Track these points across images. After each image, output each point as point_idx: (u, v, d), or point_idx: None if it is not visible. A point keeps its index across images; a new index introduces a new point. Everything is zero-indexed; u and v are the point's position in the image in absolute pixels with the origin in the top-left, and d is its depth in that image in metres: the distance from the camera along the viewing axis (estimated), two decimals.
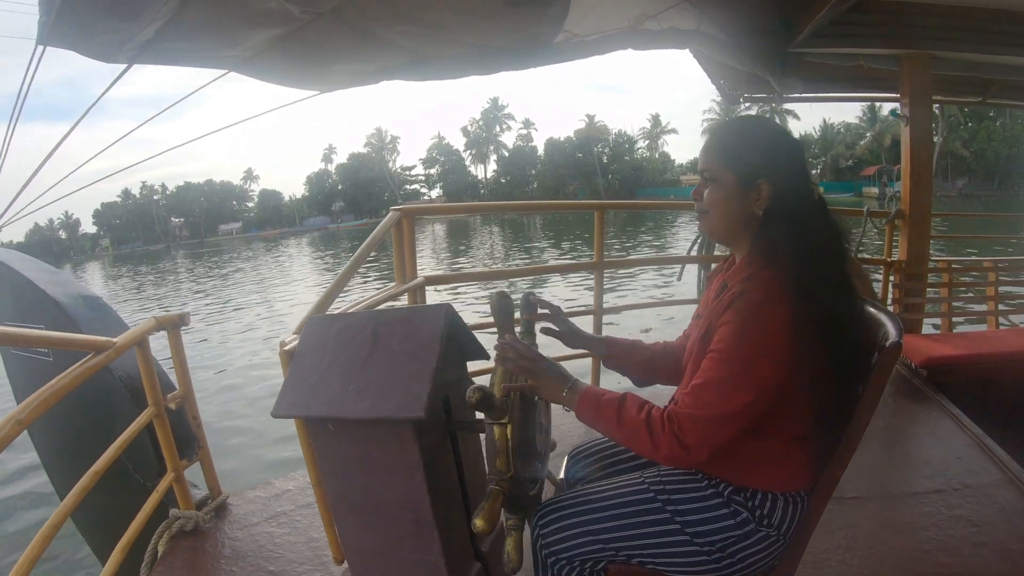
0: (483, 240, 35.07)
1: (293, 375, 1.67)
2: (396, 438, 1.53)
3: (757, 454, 1.25)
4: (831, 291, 1.18)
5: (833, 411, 1.25)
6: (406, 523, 1.60)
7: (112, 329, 2.24)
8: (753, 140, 1.28)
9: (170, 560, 2.13)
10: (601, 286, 3.37)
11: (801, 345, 1.14)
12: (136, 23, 1.71)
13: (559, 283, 13.76)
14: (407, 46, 2.44)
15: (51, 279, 2.67)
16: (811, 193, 1.27)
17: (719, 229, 1.33)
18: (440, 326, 1.59)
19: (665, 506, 1.29)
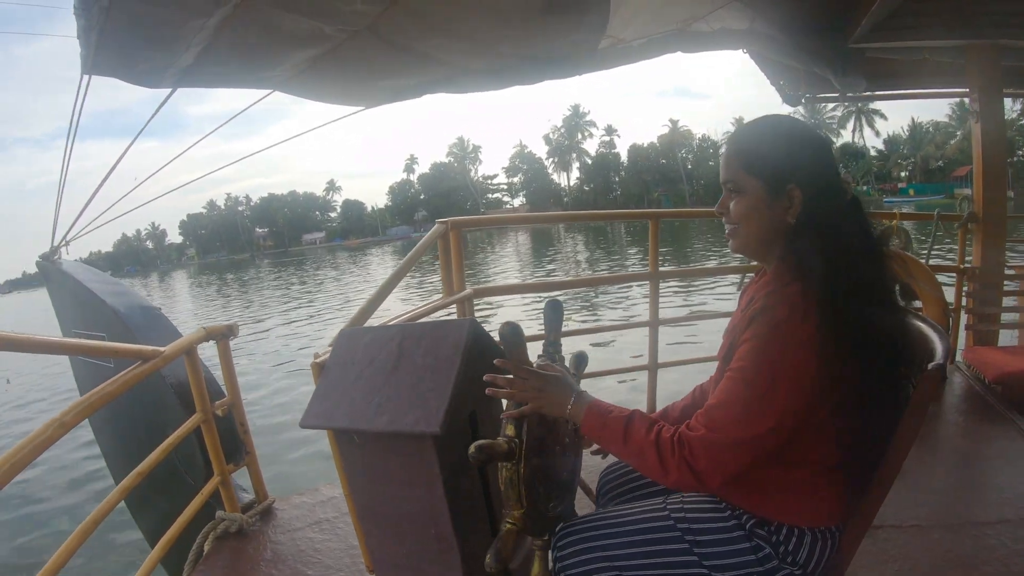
0: (567, 248, 35.02)
1: (322, 387, 1.70)
2: (417, 452, 1.53)
3: (783, 484, 1.16)
4: (865, 305, 1.07)
5: (867, 439, 1.14)
6: (428, 537, 1.60)
7: (164, 338, 2.36)
8: (778, 142, 1.17)
9: (214, 559, 2.21)
10: (657, 297, 3.27)
11: (828, 367, 1.04)
12: (173, 51, 1.80)
13: (612, 295, 13.55)
14: (445, 60, 2.46)
15: (112, 290, 2.84)
16: (844, 194, 1.16)
17: (752, 245, 1.22)
18: (462, 340, 1.58)
19: (684, 535, 1.21)
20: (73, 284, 2.93)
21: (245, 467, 2.50)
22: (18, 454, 1.36)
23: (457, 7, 2.13)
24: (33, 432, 1.43)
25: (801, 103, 3.71)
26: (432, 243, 2.76)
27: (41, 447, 1.42)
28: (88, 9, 1.52)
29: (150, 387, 2.47)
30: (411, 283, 18.61)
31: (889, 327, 1.10)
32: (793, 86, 3.59)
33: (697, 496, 1.27)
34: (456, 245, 2.81)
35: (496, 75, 2.65)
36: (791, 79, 3.55)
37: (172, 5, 1.62)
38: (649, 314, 3.26)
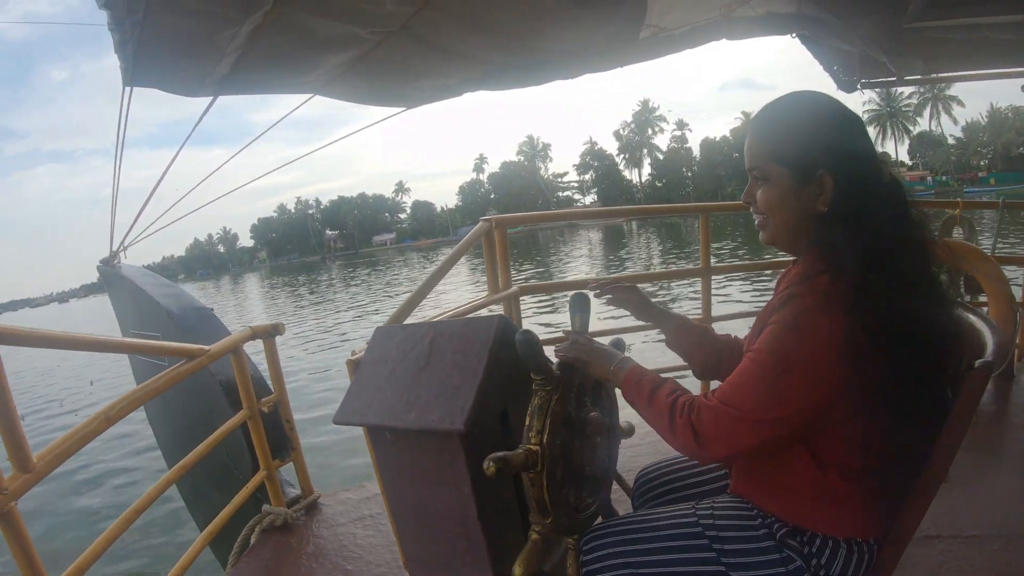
0: (640, 244, 34.67)
1: (356, 383, 1.73)
2: (445, 450, 1.53)
3: (816, 489, 1.09)
4: (904, 297, 0.99)
5: (904, 444, 1.05)
6: (457, 536, 1.59)
7: (214, 338, 2.44)
8: (803, 124, 1.09)
9: (259, 551, 2.28)
10: (709, 293, 3.19)
11: (853, 365, 0.97)
12: (209, 60, 1.85)
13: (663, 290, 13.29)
14: (482, 57, 2.46)
15: (166, 292, 2.98)
16: (880, 175, 1.07)
17: (783, 236, 1.15)
18: (490, 337, 1.57)
19: (712, 543, 1.16)
20: (130, 287, 3.09)
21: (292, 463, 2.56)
22: (64, 444, 1.45)
23: (489, 3, 2.12)
24: (79, 424, 1.51)
25: (857, 89, 3.51)
26: (475, 241, 2.76)
27: (87, 438, 1.50)
28: (121, 24, 1.58)
29: (201, 384, 2.57)
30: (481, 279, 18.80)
31: (932, 321, 1.01)
32: (847, 71, 3.40)
33: (728, 500, 1.23)
34: (501, 242, 2.80)
35: (534, 70, 2.63)
36: (845, 64, 3.36)
37: (202, 16, 1.67)
38: (701, 311, 3.18)
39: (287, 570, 2.18)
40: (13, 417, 1.34)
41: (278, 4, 1.67)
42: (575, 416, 1.43)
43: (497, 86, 2.68)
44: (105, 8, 1.52)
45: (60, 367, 16.59)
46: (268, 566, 2.21)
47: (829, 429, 1.04)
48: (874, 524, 1.10)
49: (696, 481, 1.47)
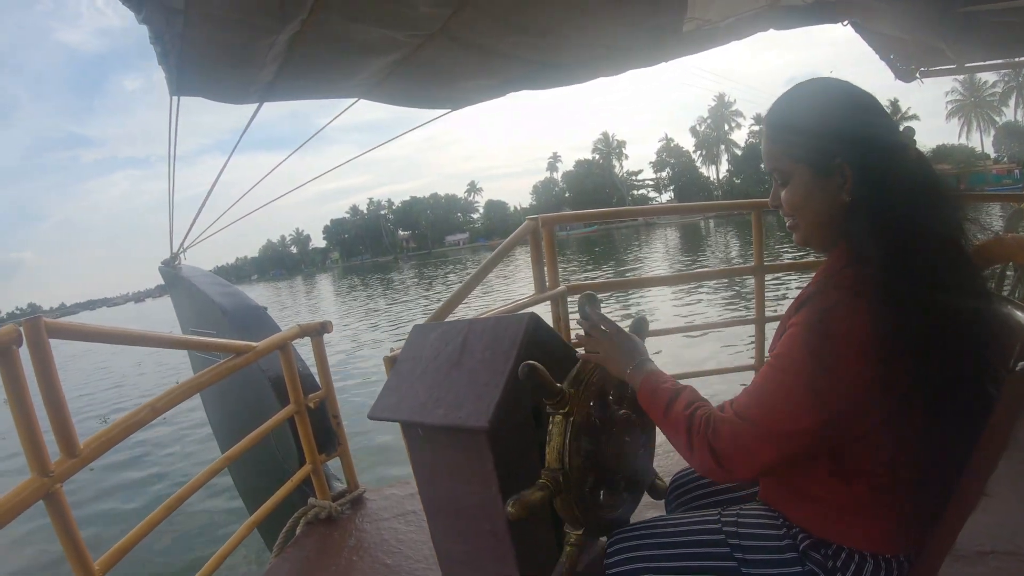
0: (717, 242, 34.04)
1: (392, 380, 1.76)
2: (472, 447, 1.54)
3: (842, 500, 1.03)
4: (933, 291, 0.91)
5: (936, 452, 0.98)
6: (484, 532, 1.60)
7: (265, 336, 2.53)
8: (815, 114, 1.03)
9: (303, 542, 2.35)
10: (763, 292, 3.10)
11: (882, 364, 0.90)
12: (251, 68, 1.93)
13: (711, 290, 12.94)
14: (523, 56, 2.46)
15: (221, 291, 3.12)
16: (903, 152, 0.99)
17: (815, 235, 1.08)
18: (520, 335, 1.57)
19: (733, 552, 1.12)
20: (189, 287, 3.26)
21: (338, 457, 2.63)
22: (111, 432, 1.55)
23: (525, 1, 2.12)
24: (127, 414, 1.60)
25: (916, 78, 3.33)
26: (520, 240, 2.75)
27: (133, 427, 1.59)
28: (161, 37, 1.67)
29: (251, 381, 2.68)
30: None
31: (968, 316, 0.93)
32: (904, 60, 3.23)
33: (755, 508, 1.18)
34: (548, 241, 2.78)
35: (577, 68, 2.62)
36: (901, 52, 3.19)
37: (239, 26, 1.74)
38: (755, 311, 3.09)
39: (329, 562, 2.23)
40: (62, 405, 1.43)
41: (314, 12, 1.72)
42: (599, 420, 1.41)
43: (540, 85, 2.69)
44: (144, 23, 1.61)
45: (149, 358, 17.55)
46: (310, 557, 2.28)
47: (857, 437, 0.97)
48: (904, 539, 1.03)
49: (728, 487, 1.43)
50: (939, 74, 3.36)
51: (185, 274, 3.37)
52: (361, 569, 2.17)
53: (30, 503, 1.36)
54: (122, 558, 1.64)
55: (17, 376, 1.34)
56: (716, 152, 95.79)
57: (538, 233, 2.71)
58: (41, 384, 1.41)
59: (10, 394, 1.35)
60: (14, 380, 1.34)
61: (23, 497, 1.34)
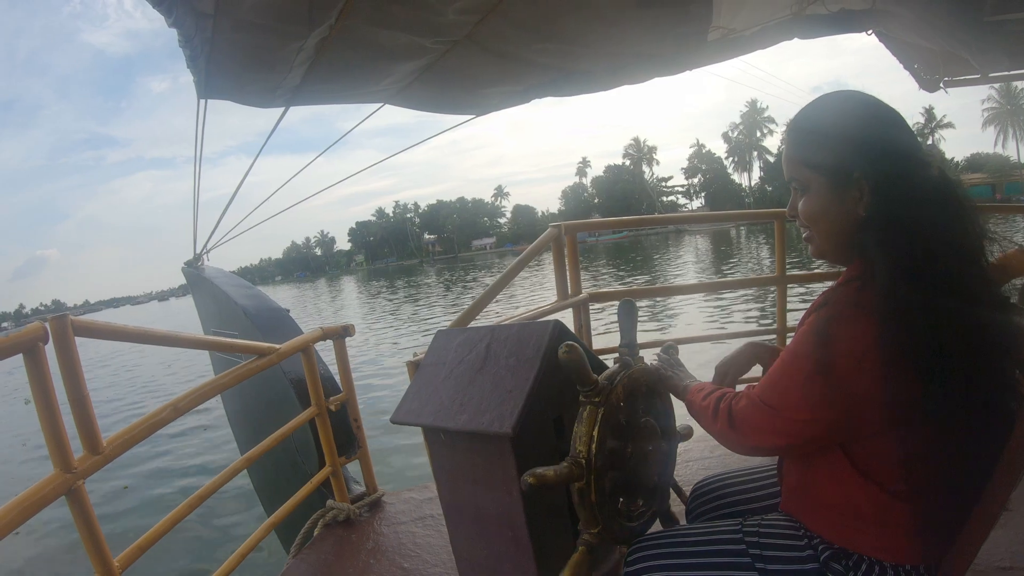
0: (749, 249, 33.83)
1: (415, 384, 1.77)
2: (495, 452, 1.54)
3: (860, 507, 1.04)
4: (943, 306, 0.92)
5: (958, 465, 0.98)
6: (505, 538, 1.60)
7: (287, 338, 2.55)
8: (836, 127, 1.03)
9: (320, 544, 2.36)
10: (785, 303, 3.07)
11: (882, 378, 0.92)
12: (278, 72, 1.95)
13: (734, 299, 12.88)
14: (549, 63, 2.47)
15: (244, 293, 3.15)
16: (925, 169, 0.99)
17: (829, 247, 1.09)
18: (544, 342, 1.57)
19: (755, 563, 1.12)
20: (212, 288, 3.29)
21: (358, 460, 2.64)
22: (134, 430, 1.56)
23: (552, 9, 2.13)
24: (149, 413, 1.63)
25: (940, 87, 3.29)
26: (543, 247, 2.76)
27: (156, 426, 1.62)
28: (191, 41, 1.69)
29: (272, 382, 2.70)
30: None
31: (983, 329, 0.93)
32: (929, 69, 3.20)
33: (777, 518, 1.19)
34: (571, 248, 2.77)
35: (602, 75, 2.63)
36: (926, 62, 3.16)
37: (268, 31, 1.76)
38: (777, 321, 3.07)
39: (346, 564, 2.24)
40: (86, 402, 1.45)
41: (342, 18, 1.74)
42: (626, 424, 1.41)
43: (565, 92, 2.70)
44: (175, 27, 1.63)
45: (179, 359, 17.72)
46: (328, 559, 2.28)
47: (864, 441, 1.00)
48: (923, 549, 1.03)
49: (750, 497, 1.44)
50: (963, 84, 3.32)
51: (208, 275, 3.41)
52: (379, 572, 2.17)
53: (52, 498, 1.37)
54: (141, 555, 1.65)
55: (43, 373, 1.35)
56: (748, 159, 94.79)
57: (561, 240, 2.70)
58: (66, 381, 1.43)
59: (35, 390, 1.36)
60: (40, 377, 1.35)
61: (46, 493, 1.35)
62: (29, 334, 1.34)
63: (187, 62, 1.85)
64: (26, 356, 1.34)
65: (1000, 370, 0.95)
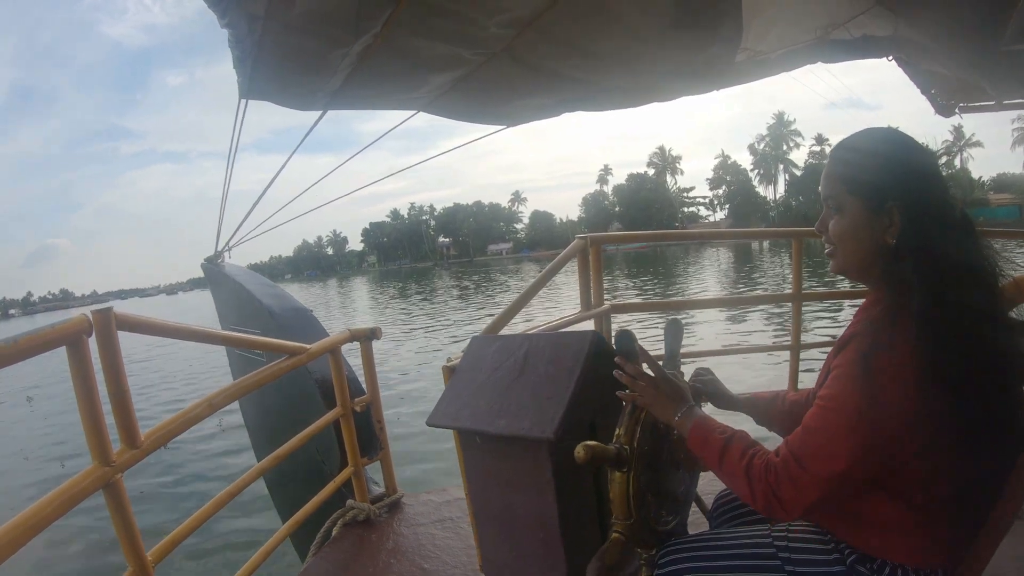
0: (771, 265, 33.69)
1: (451, 389, 1.81)
2: (532, 456, 1.58)
3: (887, 518, 1.10)
4: (971, 331, 1.00)
5: (979, 476, 1.06)
6: (536, 540, 1.64)
7: (313, 337, 2.58)
8: (877, 157, 1.12)
9: (340, 543, 2.39)
10: (800, 320, 3.13)
11: (925, 399, 0.98)
12: (321, 77, 1.99)
13: (752, 316, 12.87)
14: (582, 78, 2.52)
15: (268, 292, 3.17)
16: (951, 211, 1.08)
17: (850, 266, 1.17)
18: (583, 351, 1.61)
19: (784, 566, 1.19)
20: (233, 285, 3.31)
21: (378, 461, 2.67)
22: (170, 425, 1.60)
23: (590, 27, 2.18)
24: (186, 408, 1.65)
25: (955, 113, 3.38)
26: (572, 257, 2.80)
27: (191, 422, 1.65)
28: (241, 42, 1.73)
29: (297, 381, 2.72)
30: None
31: (1003, 353, 1.02)
32: (945, 95, 3.27)
33: (803, 525, 1.24)
34: (595, 260, 2.80)
35: (632, 92, 2.68)
36: (943, 88, 3.24)
37: (317, 37, 1.80)
38: (791, 337, 3.12)
39: (367, 562, 2.27)
40: (126, 396, 1.47)
41: (388, 27, 1.79)
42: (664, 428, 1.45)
43: (595, 107, 2.75)
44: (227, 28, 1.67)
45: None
46: (347, 558, 2.31)
47: (902, 464, 1.04)
48: (942, 554, 1.10)
49: None
50: (978, 110, 3.41)
51: (229, 272, 3.42)
52: (399, 571, 2.20)
53: (91, 491, 1.38)
54: (172, 550, 1.67)
55: (86, 366, 1.36)
56: (774, 171, 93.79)
57: (586, 251, 2.75)
58: (108, 374, 1.45)
59: (78, 384, 1.37)
60: (83, 369, 1.35)
61: (85, 486, 1.36)
62: (74, 327, 1.35)
63: (234, 63, 1.88)
64: (69, 348, 1.34)
65: (1017, 390, 1.04)
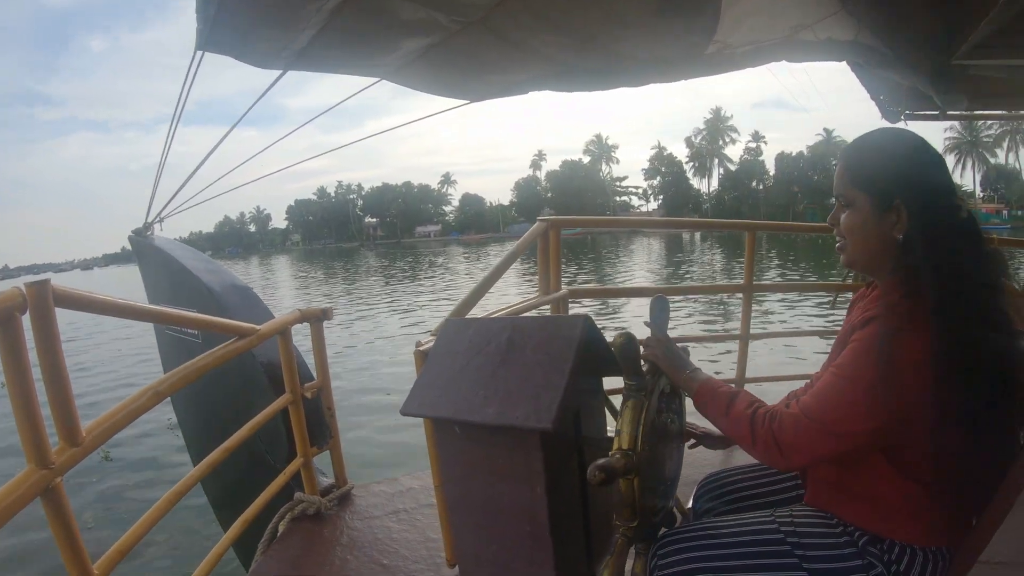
0: (700, 255, 34.31)
1: (425, 375, 1.69)
2: (521, 447, 1.50)
3: (898, 500, 1.16)
4: (978, 326, 1.06)
5: (984, 460, 1.12)
6: (522, 534, 1.56)
7: (259, 318, 2.39)
8: (886, 156, 1.19)
9: (288, 540, 2.23)
10: (749, 311, 3.22)
11: (932, 386, 1.05)
12: (290, 31, 1.83)
13: (703, 303, 13.25)
14: (556, 57, 2.45)
15: (206, 268, 2.91)
16: (957, 211, 1.14)
17: (859, 258, 1.25)
18: (577, 337, 1.54)
19: (794, 550, 1.21)
20: (165, 259, 3.01)
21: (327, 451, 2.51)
22: (113, 417, 1.40)
23: (572, 5, 2.11)
24: (129, 398, 1.46)
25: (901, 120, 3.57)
26: (534, 240, 2.73)
27: (135, 413, 1.46)
28: None
29: (239, 365, 2.51)
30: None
31: (1002, 350, 1.08)
32: (894, 101, 3.46)
33: (807, 510, 1.27)
34: (555, 244, 2.78)
35: (603, 75, 2.63)
36: (892, 94, 3.41)
37: None
38: (741, 328, 3.20)
39: (319, 560, 2.13)
40: (65, 385, 1.26)
41: None
42: (657, 421, 1.42)
43: (563, 87, 2.68)
44: None
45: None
46: (299, 555, 2.16)
47: (909, 443, 1.11)
48: (948, 533, 1.16)
49: (761, 492, 1.52)
50: (922, 118, 3.61)
51: (161, 245, 3.11)
52: (356, 569, 2.08)
53: (28, 499, 1.18)
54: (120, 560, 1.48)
55: (19, 348, 1.17)
56: (709, 165, 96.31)
57: (547, 235, 2.69)
58: (44, 359, 1.23)
59: (9, 369, 1.17)
60: (15, 353, 1.16)
61: (20, 494, 1.16)
62: (5, 302, 1.15)
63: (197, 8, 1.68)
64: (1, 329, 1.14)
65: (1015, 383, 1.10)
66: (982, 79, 3.04)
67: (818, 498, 1.29)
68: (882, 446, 1.13)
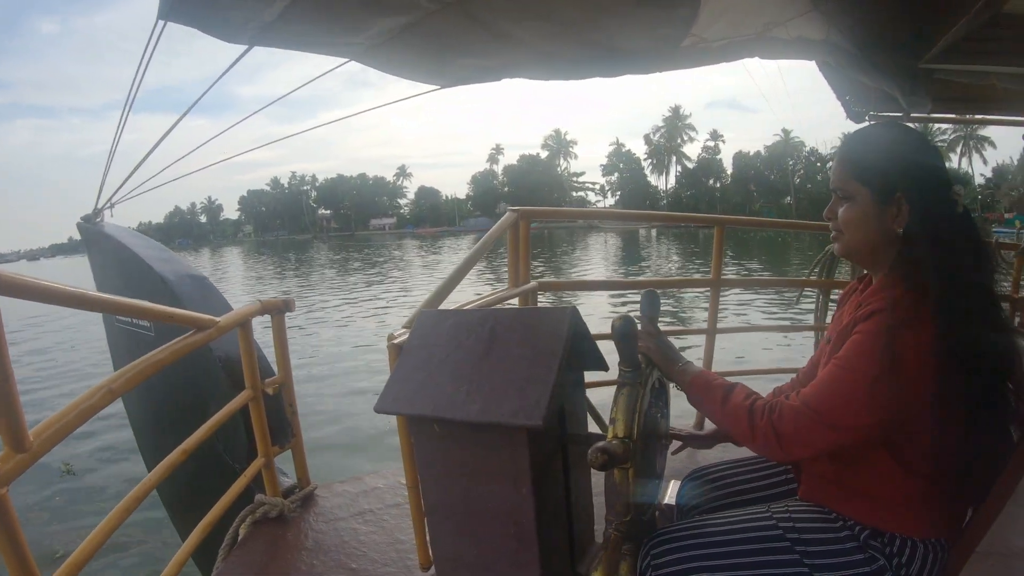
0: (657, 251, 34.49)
1: (400, 370, 1.61)
2: (508, 445, 1.44)
3: (899, 494, 1.16)
4: (977, 320, 1.08)
5: (982, 454, 1.14)
6: (506, 535, 1.51)
7: (216, 309, 2.25)
8: (888, 150, 1.19)
9: (250, 544, 2.11)
10: (717, 305, 3.22)
11: (939, 377, 1.05)
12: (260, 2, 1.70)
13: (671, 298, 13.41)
14: (533, 43, 2.38)
15: (159, 256, 2.74)
16: (955, 206, 1.16)
17: (856, 250, 1.25)
18: (564, 330, 1.49)
19: (794, 546, 1.19)
20: (116, 247, 2.82)
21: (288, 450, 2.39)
22: (63, 419, 1.24)
23: None
24: (80, 396, 1.32)
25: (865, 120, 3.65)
26: (503, 231, 2.67)
27: (88, 412, 1.31)
28: None
29: (195, 360, 2.35)
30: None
31: (998, 344, 1.10)
32: (859, 102, 3.54)
33: (804, 505, 1.26)
34: (525, 236, 2.73)
35: (579, 64, 2.58)
36: (858, 95, 3.49)
37: None
38: (708, 322, 3.20)
39: (284, 565, 2.01)
40: (10, 385, 1.10)
41: None
42: (649, 414, 1.38)
43: (538, 75, 2.62)
44: None
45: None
46: (263, 560, 2.04)
47: (910, 438, 1.11)
48: (947, 525, 1.18)
49: (750, 487, 1.50)
50: (885, 119, 3.68)
51: (111, 232, 2.91)
52: (323, 574, 1.97)
53: None
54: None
55: None
56: (667, 162, 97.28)
57: (517, 226, 2.63)
58: None
59: None
60: None
61: None
62: None
63: None
64: None
65: (1013, 379, 1.13)
66: (945, 83, 3.12)
67: (814, 493, 1.27)
68: (882, 440, 1.12)
